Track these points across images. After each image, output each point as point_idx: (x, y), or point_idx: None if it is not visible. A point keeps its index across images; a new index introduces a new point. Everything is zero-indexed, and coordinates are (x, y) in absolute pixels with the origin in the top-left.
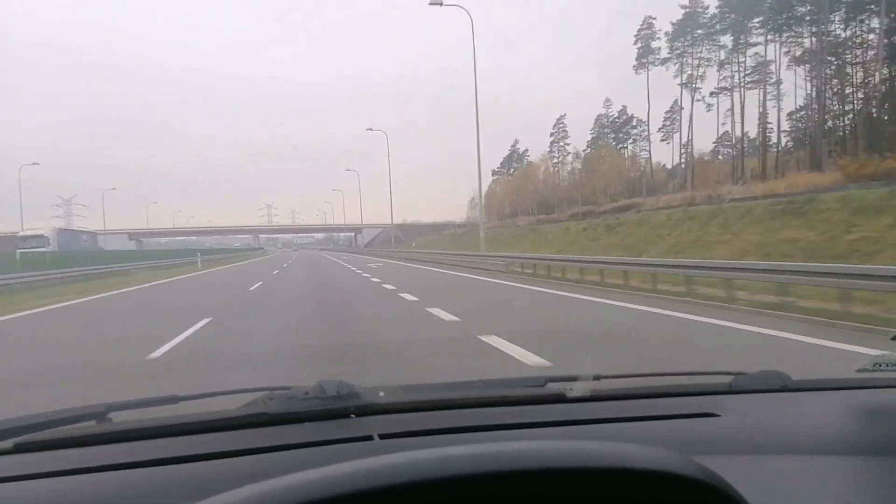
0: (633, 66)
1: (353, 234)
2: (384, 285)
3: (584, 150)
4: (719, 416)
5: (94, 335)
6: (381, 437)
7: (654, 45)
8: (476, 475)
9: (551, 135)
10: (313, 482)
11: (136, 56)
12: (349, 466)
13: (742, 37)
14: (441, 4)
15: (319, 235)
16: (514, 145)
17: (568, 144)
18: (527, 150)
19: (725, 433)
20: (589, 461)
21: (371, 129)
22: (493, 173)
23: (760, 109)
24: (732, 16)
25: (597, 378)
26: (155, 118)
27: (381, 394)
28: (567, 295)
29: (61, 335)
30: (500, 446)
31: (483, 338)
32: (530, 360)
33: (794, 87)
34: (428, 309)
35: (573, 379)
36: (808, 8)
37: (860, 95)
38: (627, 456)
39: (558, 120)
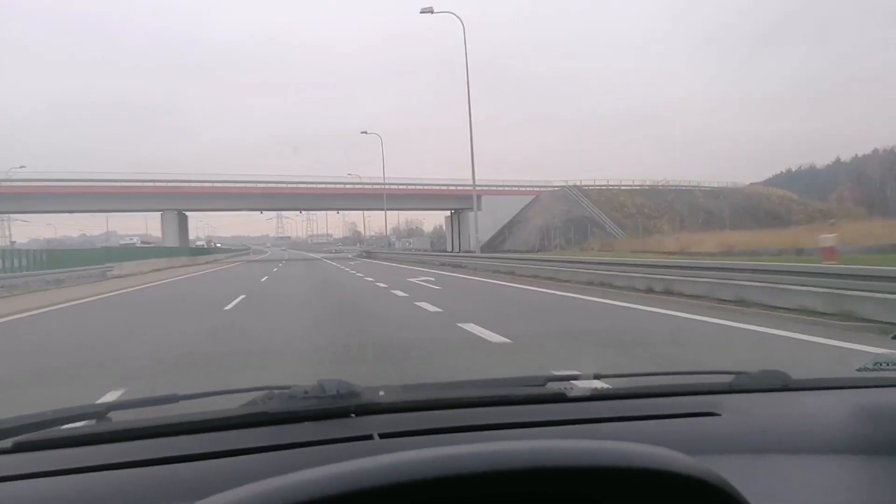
0: None
1: (449, 212)
2: None
3: None
4: (720, 415)
5: None
6: (381, 436)
7: None
8: (476, 474)
9: None
10: (313, 481)
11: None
12: (349, 466)
13: None
14: None
15: (337, 228)
16: None
17: None
18: None
19: (726, 432)
20: (589, 461)
21: (431, 11)
22: None
23: None
24: None
25: (597, 377)
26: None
27: (382, 393)
28: None
29: None
30: (500, 445)
31: None
32: None
33: None
34: None
35: (573, 378)
36: None
37: None
38: (628, 455)
39: None
